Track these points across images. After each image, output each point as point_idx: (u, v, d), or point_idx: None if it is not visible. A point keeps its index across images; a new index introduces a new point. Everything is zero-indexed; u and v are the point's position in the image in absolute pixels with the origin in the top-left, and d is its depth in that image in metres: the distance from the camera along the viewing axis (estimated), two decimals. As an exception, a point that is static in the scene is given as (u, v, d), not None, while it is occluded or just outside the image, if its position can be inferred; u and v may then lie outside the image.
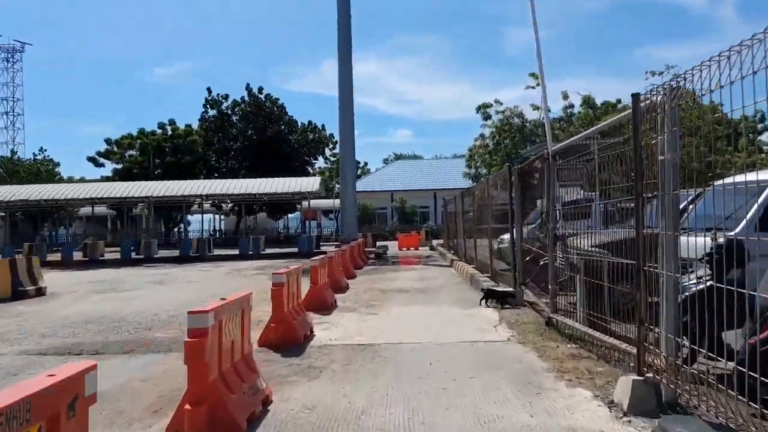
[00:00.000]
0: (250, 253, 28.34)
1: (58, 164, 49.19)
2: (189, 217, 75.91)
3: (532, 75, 31.81)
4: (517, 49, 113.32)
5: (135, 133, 45.86)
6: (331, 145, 48.35)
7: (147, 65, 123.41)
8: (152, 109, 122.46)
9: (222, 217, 58.19)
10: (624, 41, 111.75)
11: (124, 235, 53.72)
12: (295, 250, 28.60)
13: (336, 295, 11.22)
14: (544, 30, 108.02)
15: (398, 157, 67.71)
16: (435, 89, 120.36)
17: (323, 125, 48.20)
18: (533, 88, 31.77)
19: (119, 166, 45.05)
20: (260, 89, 45.42)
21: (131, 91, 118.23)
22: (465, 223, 18.12)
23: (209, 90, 45.78)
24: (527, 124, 31.70)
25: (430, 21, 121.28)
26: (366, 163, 72.89)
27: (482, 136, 33.66)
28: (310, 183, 27.61)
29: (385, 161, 62.88)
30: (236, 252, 28.40)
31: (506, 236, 12.67)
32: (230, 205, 50.02)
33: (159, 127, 46.53)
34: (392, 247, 31.72)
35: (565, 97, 31.28)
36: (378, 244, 35.19)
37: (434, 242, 34.15)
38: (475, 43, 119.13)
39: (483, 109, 32.45)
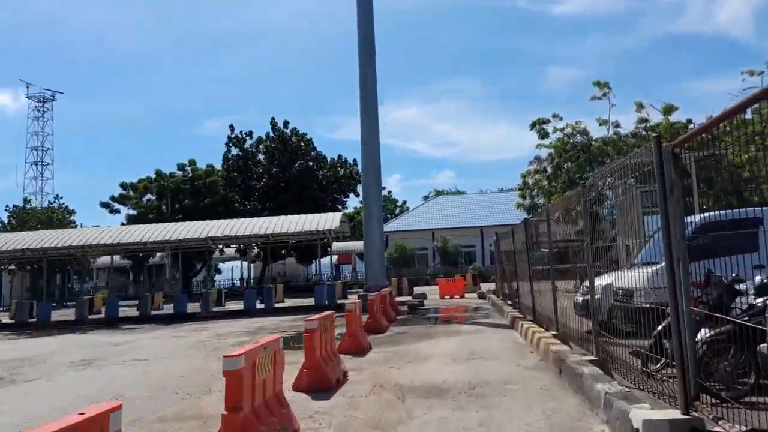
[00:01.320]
0: (260, 307, 23.41)
1: (72, 212, 46.24)
2: (221, 264, 72.80)
3: (597, 84, 26.50)
4: (558, 87, 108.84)
5: (153, 176, 42.40)
6: (360, 181, 43.61)
7: (185, 119, 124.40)
8: (178, 157, 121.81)
9: (250, 263, 54.03)
10: (664, 75, 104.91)
11: (144, 288, 50.07)
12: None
13: (315, 404, 6.00)
14: (581, 69, 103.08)
15: (439, 193, 62.51)
16: (476, 131, 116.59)
17: (354, 160, 43.69)
18: (599, 99, 26.36)
19: (134, 212, 41.48)
20: (286, 123, 41.52)
21: (164, 145, 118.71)
22: (533, 264, 12.65)
23: (231, 128, 42.24)
24: (593, 143, 26.05)
25: (471, 64, 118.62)
26: (405, 202, 68.11)
27: (538, 159, 28.16)
28: (329, 220, 22.70)
29: (425, 198, 57.75)
30: (244, 306, 23.54)
31: (601, 281, 7.63)
32: (256, 250, 45.79)
33: (179, 168, 43.08)
34: (433, 293, 26.21)
35: (639, 107, 25.60)
36: (416, 290, 29.72)
37: (483, 287, 28.41)
38: (515, 84, 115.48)
39: (538, 125, 27.02)
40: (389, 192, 70.54)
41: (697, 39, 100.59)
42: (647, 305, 6.23)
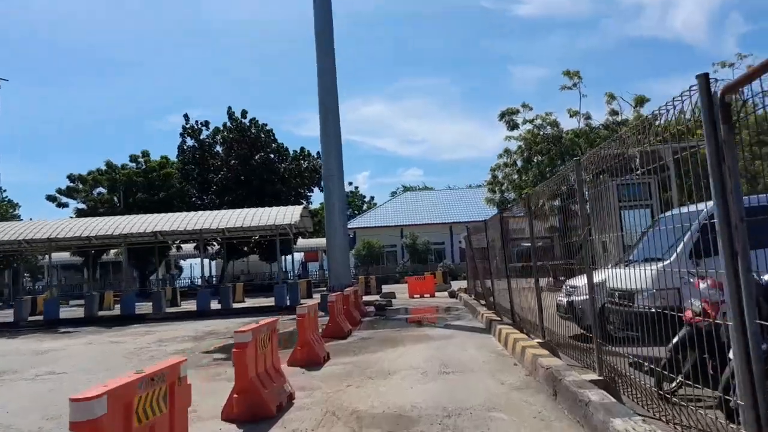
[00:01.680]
0: (216, 308, 21.64)
1: (17, 205, 43.25)
2: (182, 262, 69.97)
3: (567, 73, 25.52)
4: (522, 86, 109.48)
5: (104, 168, 39.91)
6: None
7: (148, 113, 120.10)
8: (134, 150, 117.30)
9: (209, 261, 51.83)
10: (626, 76, 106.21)
11: (97, 286, 47.38)
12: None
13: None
14: (545, 68, 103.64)
15: (407, 189, 61.23)
16: (442, 129, 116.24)
17: (318, 152, 41.93)
18: (570, 88, 25.39)
19: (83, 206, 38.93)
20: (244, 113, 39.46)
21: (120, 138, 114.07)
22: (510, 260, 11.43)
23: (186, 117, 39.96)
24: (565, 135, 25.06)
25: (437, 62, 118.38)
26: (372, 198, 66.70)
27: (507, 152, 27.04)
28: (288, 214, 21.04)
29: (393, 194, 56.41)
30: (197, 308, 21.72)
31: (586, 280, 6.50)
32: (216, 247, 43.70)
33: (131, 160, 40.67)
34: (402, 292, 24.86)
35: (611, 98, 24.70)
36: (384, 289, 28.35)
37: (454, 286, 27.23)
38: (480, 83, 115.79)
39: (508, 116, 25.87)
40: (356, 188, 69.14)
41: (655, 41, 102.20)
42: (654, 310, 5.00)
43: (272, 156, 39.70)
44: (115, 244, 24.68)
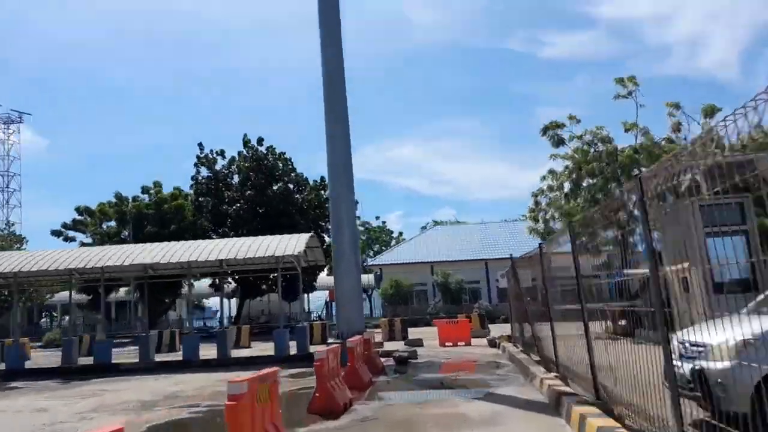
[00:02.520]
0: (210, 357, 18.03)
1: (23, 239, 41.04)
2: (206, 301, 66.91)
3: (620, 81, 21.70)
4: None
5: (113, 200, 37.44)
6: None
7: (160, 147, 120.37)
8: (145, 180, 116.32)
9: (226, 299, 48.66)
10: (653, 116, 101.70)
11: (108, 327, 44.46)
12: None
13: None
14: (571, 109, 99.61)
15: (437, 224, 57.34)
16: (473, 169, 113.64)
17: (342, 182, 38.71)
18: (625, 97, 21.50)
19: (90, 240, 36.32)
20: (260, 140, 36.62)
21: (134, 179, 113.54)
22: (589, 300, 7.53)
23: (201, 146, 37.40)
24: (622, 151, 21.01)
25: (466, 104, 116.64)
26: (401, 234, 62.97)
27: (552, 173, 23.10)
28: (292, 243, 17.45)
29: (423, 229, 52.57)
30: (183, 357, 18.13)
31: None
32: (233, 284, 40.39)
33: (143, 192, 38.11)
34: (433, 337, 20.84)
35: (675, 108, 20.65)
36: (412, 334, 24.27)
37: (493, 331, 23.01)
38: (508, 124, 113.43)
39: (551, 131, 22.01)
40: (383, 222, 65.44)
41: (685, 81, 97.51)
42: None
43: (290, 186, 36.59)
44: (93, 276, 21.40)
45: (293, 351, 18.43)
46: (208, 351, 18.96)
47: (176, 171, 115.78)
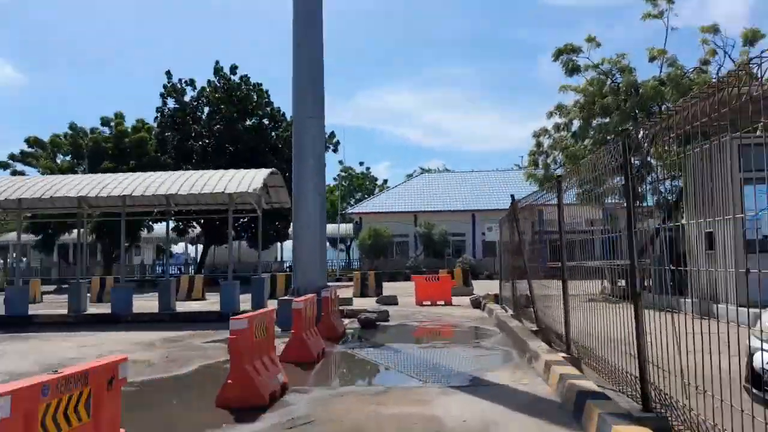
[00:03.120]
0: (148, 312, 15.38)
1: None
2: (174, 247, 63.64)
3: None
4: (552, 77, 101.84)
5: (68, 132, 33.97)
6: (331, 147, 35.46)
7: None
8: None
9: (191, 245, 46.06)
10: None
11: (61, 272, 41.69)
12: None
13: None
14: None
15: (425, 171, 54.39)
16: (468, 121, 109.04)
17: (320, 120, 35.44)
18: (656, 17, 18.45)
19: (41, 175, 32.96)
20: (233, 68, 32.95)
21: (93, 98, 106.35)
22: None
23: (168, 75, 33.68)
24: (646, 82, 17.96)
25: (462, 52, 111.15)
26: (386, 181, 60.06)
27: (560, 108, 20.12)
28: (247, 179, 14.52)
29: (409, 177, 49.66)
30: (111, 310, 15.41)
31: None
32: (197, 229, 37.53)
33: (102, 123, 34.65)
34: (410, 294, 18.39)
35: (713, 31, 17.61)
36: (387, 290, 21.82)
37: (477, 288, 20.64)
38: (507, 73, 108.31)
39: (566, 54, 18.87)
40: (367, 168, 62.23)
41: (691, 31, 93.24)
42: None
43: (265, 122, 33.30)
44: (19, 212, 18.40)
45: (247, 306, 15.87)
46: (152, 303, 16.35)
47: (148, 105, 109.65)
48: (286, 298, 12.25)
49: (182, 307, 17.51)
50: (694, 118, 3.80)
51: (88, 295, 19.99)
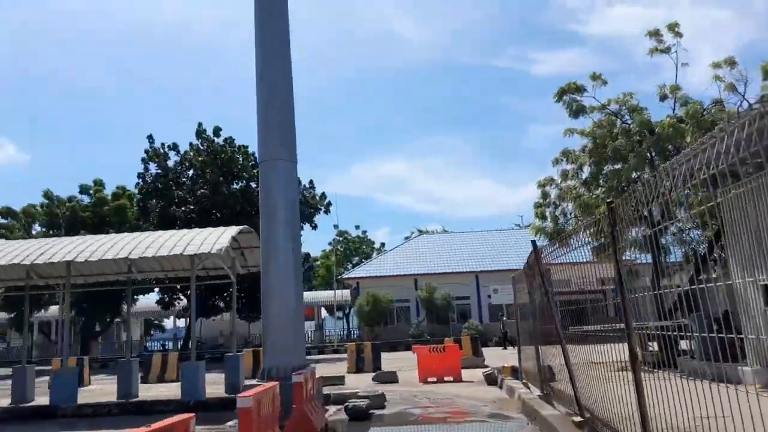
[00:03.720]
0: (104, 402, 12.74)
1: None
2: (166, 321, 60.27)
3: (653, 33, 17.04)
4: (539, 145, 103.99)
5: (43, 201, 32.06)
6: (322, 209, 33.50)
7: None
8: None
9: (177, 318, 43.30)
10: None
11: (31, 351, 38.74)
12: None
13: None
14: (561, 126, 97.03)
15: (423, 233, 52.21)
16: (460, 187, 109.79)
17: (311, 181, 33.63)
18: (664, 51, 16.83)
19: (12, 248, 30.74)
20: (217, 131, 31.46)
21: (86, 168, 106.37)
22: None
23: (150, 139, 32.17)
24: (664, 120, 16.07)
25: (454, 121, 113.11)
26: (383, 245, 57.83)
27: (568, 154, 18.22)
28: (212, 238, 12.29)
29: (407, 239, 47.48)
30: (50, 401, 12.76)
31: None
32: (183, 301, 34.91)
33: (81, 191, 32.79)
34: (412, 367, 15.79)
35: (730, 65, 15.93)
36: (386, 362, 19.19)
37: (487, 360, 18.01)
38: (498, 141, 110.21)
39: (569, 93, 17.10)
40: (364, 232, 60.10)
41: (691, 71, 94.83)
42: None
43: (252, 185, 31.47)
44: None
45: (218, 391, 13.25)
46: (114, 387, 13.76)
47: (130, 173, 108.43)
48: (252, 383, 9.74)
49: (149, 391, 14.89)
50: (726, 155, 3.40)
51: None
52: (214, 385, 14.16)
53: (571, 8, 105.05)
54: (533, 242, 8.69)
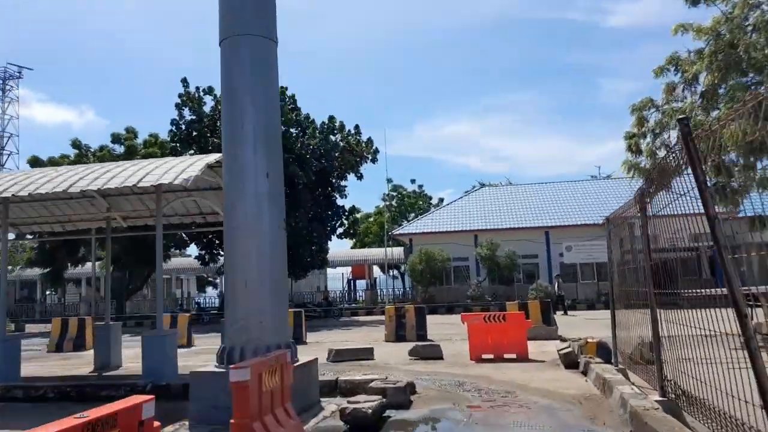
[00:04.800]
0: (64, 376, 10.07)
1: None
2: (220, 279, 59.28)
3: None
4: (613, 100, 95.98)
5: (71, 153, 30.30)
6: (369, 158, 29.92)
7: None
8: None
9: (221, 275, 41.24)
10: None
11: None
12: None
13: None
14: (635, 81, 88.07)
15: (484, 185, 47.53)
16: (530, 146, 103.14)
17: (356, 126, 29.99)
18: None
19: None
20: (251, 68, 28.36)
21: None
22: None
23: (185, 83, 29.43)
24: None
25: (522, 78, 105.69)
26: (442, 200, 53.77)
27: (674, 61, 13.59)
28: (180, 167, 9.06)
29: (467, 194, 43.14)
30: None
31: None
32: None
33: (113, 140, 30.72)
34: (464, 337, 12.31)
35: None
36: (432, 327, 15.75)
37: (560, 328, 14.22)
38: (568, 97, 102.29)
39: None
40: (420, 186, 55.91)
41: None
42: None
43: (291, 130, 28.28)
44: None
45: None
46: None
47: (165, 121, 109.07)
48: (205, 370, 6.50)
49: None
50: None
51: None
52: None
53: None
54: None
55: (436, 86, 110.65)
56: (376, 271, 46.23)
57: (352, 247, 47.67)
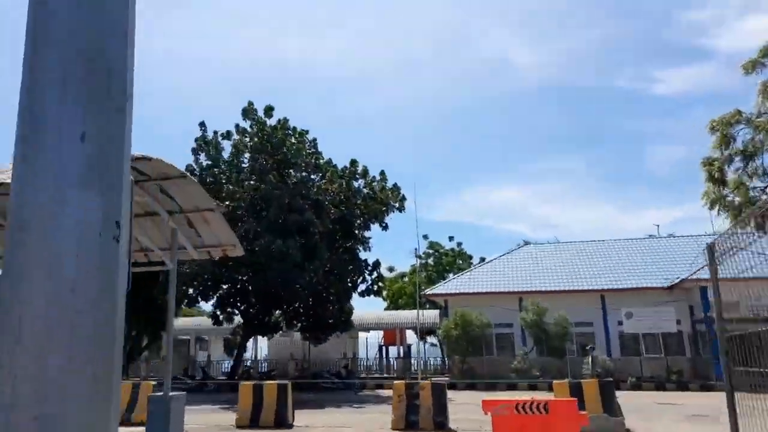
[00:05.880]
0: None
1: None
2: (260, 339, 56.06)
3: None
4: (660, 168, 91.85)
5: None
6: (396, 206, 26.81)
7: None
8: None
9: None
10: None
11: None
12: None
13: None
14: (685, 146, 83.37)
15: (528, 243, 43.28)
16: (579, 213, 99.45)
17: (382, 172, 27.12)
18: None
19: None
20: (268, 110, 26.12)
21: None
22: None
23: (202, 126, 27.63)
24: None
25: (570, 145, 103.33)
26: (483, 259, 49.60)
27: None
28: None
29: (510, 252, 39.01)
30: None
31: None
32: (237, 320, 29.60)
33: (128, 189, 28.89)
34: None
35: None
36: (459, 412, 11.99)
37: (625, 410, 10.27)
38: (616, 165, 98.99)
39: None
40: (459, 244, 52.00)
41: None
42: None
43: (309, 175, 25.76)
44: None
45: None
46: None
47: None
48: None
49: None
50: None
51: None
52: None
53: (695, 23, 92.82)
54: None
55: (484, 154, 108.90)
56: (412, 336, 42.13)
57: (386, 308, 44.04)
